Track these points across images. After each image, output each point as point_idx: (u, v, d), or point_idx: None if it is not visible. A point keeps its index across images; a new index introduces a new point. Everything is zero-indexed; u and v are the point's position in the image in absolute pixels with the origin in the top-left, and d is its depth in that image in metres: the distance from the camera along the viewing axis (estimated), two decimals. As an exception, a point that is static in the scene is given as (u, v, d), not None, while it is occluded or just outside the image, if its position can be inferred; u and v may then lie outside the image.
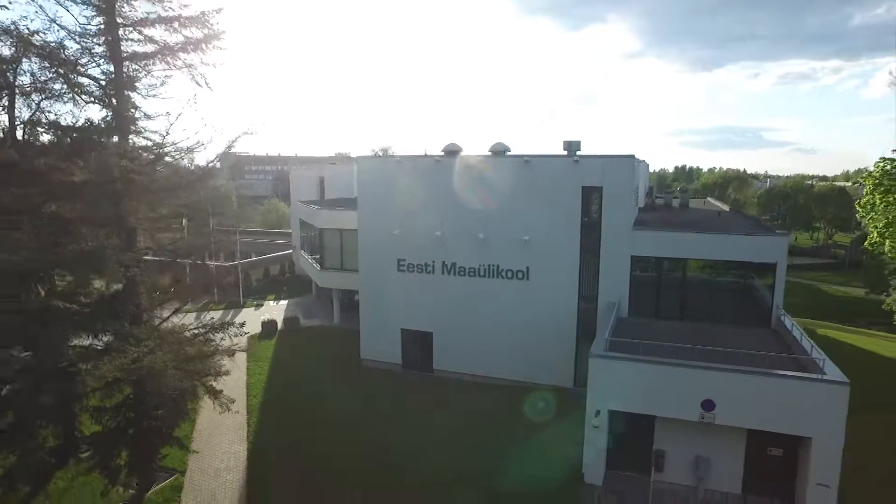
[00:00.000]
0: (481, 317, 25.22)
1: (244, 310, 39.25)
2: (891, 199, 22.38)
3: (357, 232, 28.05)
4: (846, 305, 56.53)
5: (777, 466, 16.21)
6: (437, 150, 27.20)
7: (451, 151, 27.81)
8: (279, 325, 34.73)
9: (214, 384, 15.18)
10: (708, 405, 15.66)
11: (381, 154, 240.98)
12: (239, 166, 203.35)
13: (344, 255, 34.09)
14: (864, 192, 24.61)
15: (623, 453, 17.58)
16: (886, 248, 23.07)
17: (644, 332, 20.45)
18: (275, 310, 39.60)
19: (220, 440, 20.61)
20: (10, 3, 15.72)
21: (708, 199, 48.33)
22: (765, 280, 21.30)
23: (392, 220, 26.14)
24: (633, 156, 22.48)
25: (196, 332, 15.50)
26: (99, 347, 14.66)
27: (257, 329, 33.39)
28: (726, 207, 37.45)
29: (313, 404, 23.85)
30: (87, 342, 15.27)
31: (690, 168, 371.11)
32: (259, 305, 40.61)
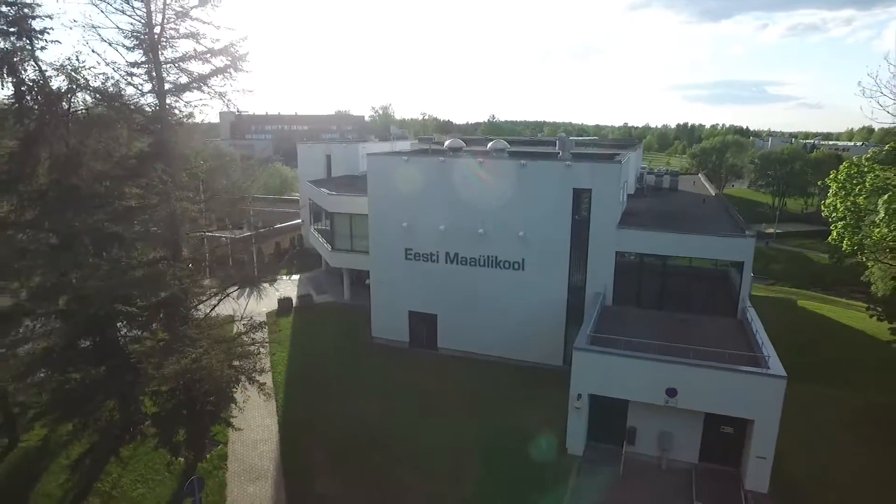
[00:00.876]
0: (481, 302, 28.01)
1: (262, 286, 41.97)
2: (849, 202, 24.69)
3: (365, 217, 30.60)
4: (831, 273, 59.14)
5: (728, 441, 19.34)
6: (435, 110, 29.31)
7: (455, 148, 29.96)
8: (294, 302, 37.60)
9: (257, 376, 18.05)
10: (671, 392, 18.62)
11: (380, 112, 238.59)
12: (239, 126, 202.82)
13: (353, 237, 36.64)
14: (829, 194, 26.91)
15: (601, 429, 20.73)
16: (844, 246, 25.53)
17: (625, 319, 23.39)
18: (288, 285, 42.34)
19: (253, 414, 23.73)
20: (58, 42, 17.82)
21: (700, 175, 50.30)
22: (733, 275, 23.95)
23: (400, 213, 28.56)
24: (619, 162, 24.72)
25: (240, 330, 18.29)
26: (160, 346, 17.43)
27: (273, 306, 36.23)
28: (713, 191, 39.59)
29: (332, 379, 26.98)
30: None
31: (692, 125, 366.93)
32: (273, 281, 43.33)
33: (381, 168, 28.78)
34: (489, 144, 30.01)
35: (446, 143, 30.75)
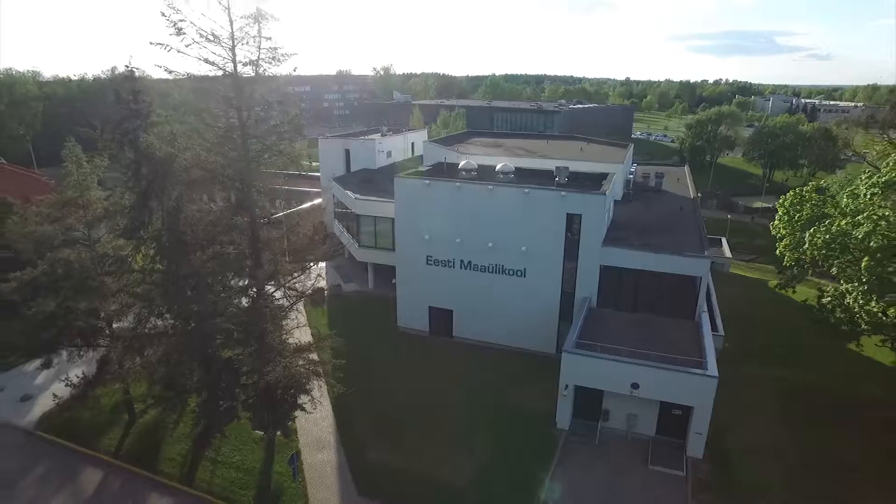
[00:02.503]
0: (490, 301, 34.01)
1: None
2: (791, 227, 30.07)
3: (387, 219, 37.04)
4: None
5: (677, 421, 25.76)
6: (436, 64, 34.87)
7: (469, 169, 35.30)
8: (325, 291, 43.61)
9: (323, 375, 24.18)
10: (635, 385, 24.88)
11: (381, 73, 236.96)
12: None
13: (377, 236, 42.36)
14: (777, 217, 32.23)
15: (582, 409, 27.15)
16: (785, 262, 31.13)
17: (607, 321, 29.52)
18: (315, 272, 48.10)
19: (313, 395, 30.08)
20: None
21: (685, 169, 55.22)
22: (693, 285, 29.80)
23: (423, 227, 34.17)
24: (604, 194, 30.18)
25: (312, 340, 24.34)
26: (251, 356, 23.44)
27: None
28: (692, 191, 44.82)
29: (369, 362, 33.18)
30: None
31: (694, 82, 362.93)
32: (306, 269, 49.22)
33: (408, 190, 34.14)
34: (497, 166, 35.17)
35: (461, 164, 35.88)
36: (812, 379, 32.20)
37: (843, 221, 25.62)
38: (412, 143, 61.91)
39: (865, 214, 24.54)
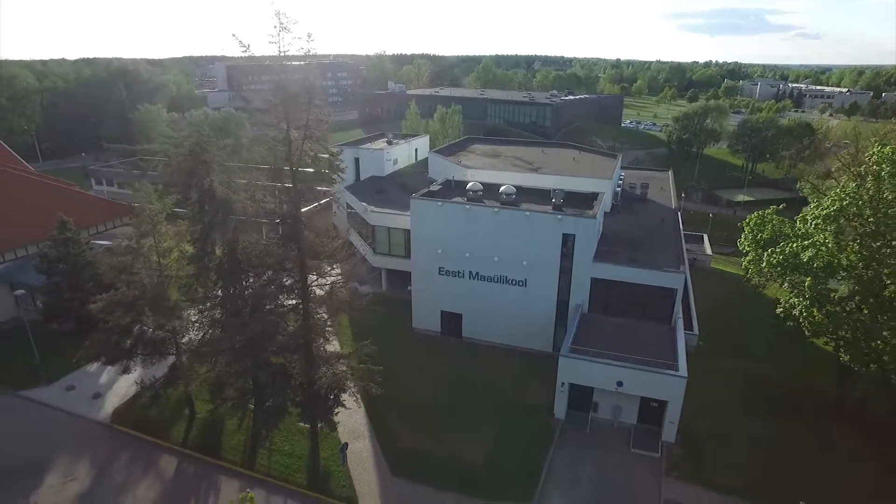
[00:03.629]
0: (495, 306, 38.97)
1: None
2: (754, 245, 35.03)
3: (400, 230, 42.47)
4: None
5: (654, 411, 31.07)
6: (428, 48, 39.20)
7: (476, 190, 39.91)
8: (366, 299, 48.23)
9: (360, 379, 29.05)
10: (619, 383, 30.07)
11: (375, 59, 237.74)
12: (237, 77, 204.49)
13: (391, 245, 47.04)
14: (743, 235, 37.12)
15: (576, 402, 32.36)
16: (749, 274, 36.15)
17: (596, 325, 34.60)
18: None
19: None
20: None
21: (669, 174, 60.06)
22: (670, 295, 34.86)
23: (436, 242, 38.90)
24: (595, 217, 35.02)
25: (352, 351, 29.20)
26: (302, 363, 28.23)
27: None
28: (673, 201, 49.66)
29: (390, 360, 37.87)
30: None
31: (684, 66, 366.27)
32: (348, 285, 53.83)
33: (423, 210, 38.78)
34: (501, 188, 39.77)
35: (468, 185, 40.41)
36: (773, 372, 37.63)
37: (795, 244, 30.64)
38: (416, 150, 66.22)
39: (810, 241, 29.60)
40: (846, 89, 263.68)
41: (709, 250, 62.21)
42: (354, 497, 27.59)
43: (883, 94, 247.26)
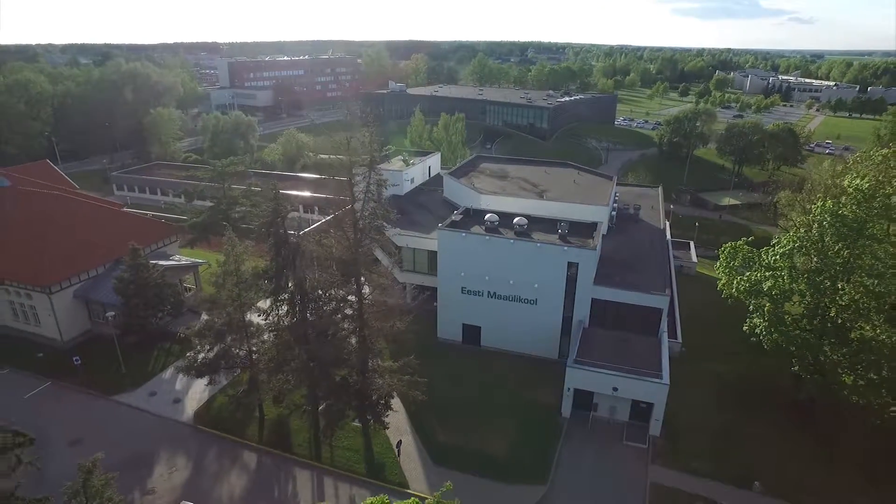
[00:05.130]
0: (510, 320, 45.92)
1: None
2: (727, 272, 41.91)
3: (424, 251, 49.71)
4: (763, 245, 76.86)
5: (643, 410, 38.27)
6: (423, 35, 46.13)
7: (493, 221, 46.61)
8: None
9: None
10: (615, 388, 37.20)
11: (374, 55, 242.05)
12: (238, 73, 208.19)
13: (416, 263, 53.76)
14: (718, 262, 43.95)
15: (580, 403, 39.50)
16: (724, 294, 43.12)
17: (595, 338, 41.62)
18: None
19: (385, 395, 41.94)
20: None
21: (658, 191, 66.76)
22: (657, 312, 41.84)
23: (459, 266, 45.67)
24: (595, 248, 41.86)
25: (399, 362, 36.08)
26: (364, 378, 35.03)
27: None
28: (662, 221, 56.52)
29: (420, 365, 44.89)
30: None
31: (675, 58, 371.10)
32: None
33: (448, 239, 45.50)
34: (514, 220, 46.44)
35: (486, 216, 47.10)
36: (744, 372, 44.85)
37: (759, 273, 37.62)
38: (429, 167, 72.65)
39: (770, 273, 36.59)
40: (833, 83, 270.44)
41: (694, 257, 69.30)
42: (406, 482, 34.63)
43: (869, 88, 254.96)
